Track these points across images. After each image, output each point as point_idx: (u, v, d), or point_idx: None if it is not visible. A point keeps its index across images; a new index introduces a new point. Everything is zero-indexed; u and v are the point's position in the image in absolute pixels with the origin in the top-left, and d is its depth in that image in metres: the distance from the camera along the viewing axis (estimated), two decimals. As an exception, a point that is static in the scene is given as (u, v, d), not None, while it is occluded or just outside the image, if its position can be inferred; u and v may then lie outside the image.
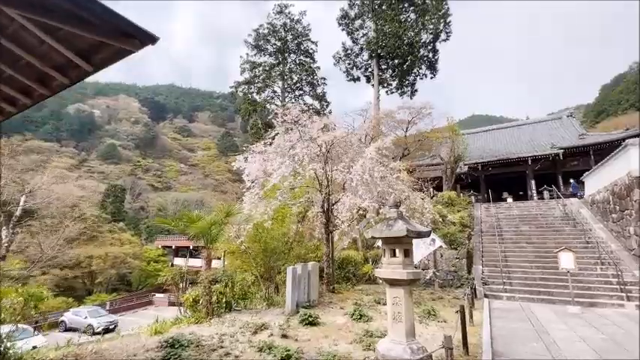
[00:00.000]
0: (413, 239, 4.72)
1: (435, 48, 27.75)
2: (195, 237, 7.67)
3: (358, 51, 30.42)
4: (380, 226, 4.74)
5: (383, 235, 4.57)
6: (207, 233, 7.47)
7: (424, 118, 21.80)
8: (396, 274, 4.44)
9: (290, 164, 9.10)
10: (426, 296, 11.65)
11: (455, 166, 22.32)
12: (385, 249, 4.76)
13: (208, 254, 7.81)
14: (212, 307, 7.54)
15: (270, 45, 36.84)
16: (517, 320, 8.24)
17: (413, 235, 4.44)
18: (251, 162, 10.49)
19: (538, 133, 30.12)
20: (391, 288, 4.60)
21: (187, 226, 7.53)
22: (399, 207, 4.91)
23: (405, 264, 4.53)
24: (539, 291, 11.44)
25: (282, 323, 6.95)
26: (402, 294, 4.46)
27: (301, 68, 37.12)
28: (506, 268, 13.04)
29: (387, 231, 4.54)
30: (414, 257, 13.33)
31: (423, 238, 4.77)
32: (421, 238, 4.75)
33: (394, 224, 4.58)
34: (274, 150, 9.54)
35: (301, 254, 11.23)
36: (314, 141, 9.40)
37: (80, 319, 23.63)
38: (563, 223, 16.20)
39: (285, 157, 9.32)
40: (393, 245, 4.68)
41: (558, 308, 9.76)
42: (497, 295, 11.63)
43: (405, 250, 4.62)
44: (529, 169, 25.11)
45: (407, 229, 4.33)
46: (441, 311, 9.03)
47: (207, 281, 7.41)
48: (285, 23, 36.94)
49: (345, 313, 8.15)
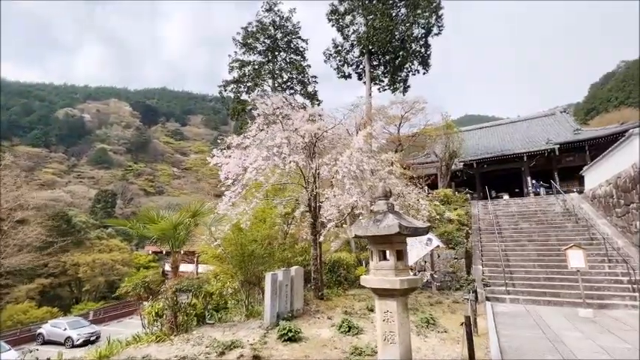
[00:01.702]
0: (407, 238, 3.80)
1: (427, 43, 27.03)
2: (160, 240, 6.70)
3: (349, 47, 29.62)
4: (365, 222, 3.82)
5: (369, 233, 3.64)
6: (172, 236, 6.50)
7: (417, 113, 21.02)
8: (387, 283, 3.52)
9: (268, 157, 8.17)
10: (424, 300, 10.75)
11: (450, 162, 21.54)
12: (373, 251, 3.84)
13: (174, 260, 6.83)
14: (178, 321, 6.54)
15: (259, 43, 35.93)
16: (526, 327, 7.36)
17: (407, 232, 3.52)
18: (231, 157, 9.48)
19: (532, 129, 29.73)
20: (381, 300, 3.68)
21: (147, 228, 6.54)
22: (389, 198, 3.98)
23: (397, 269, 3.60)
24: (544, 292, 10.59)
25: (258, 340, 5.99)
26: (394, 308, 3.53)
27: (291, 66, 36.25)
28: (507, 268, 12.20)
29: (374, 228, 3.61)
30: (409, 258, 12.50)
31: (420, 236, 3.84)
32: (418, 235, 3.82)
33: (383, 219, 3.66)
34: (252, 142, 8.58)
35: (287, 258, 10.26)
36: (296, 131, 8.46)
37: (59, 330, 22.32)
38: (565, 219, 15.45)
39: (263, 149, 8.37)
40: (382, 245, 3.75)
41: (568, 311, 8.91)
42: (500, 298, 10.77)
43: (397, 251, 3.70)
44: (525, 166, 24.56)
45: (399, 225, 3.41)
46: (440, 318, 8.13)
47: (172, 291, 6.41)
48: (275, 21, 36.07)
49: (332, 324, 7.21)
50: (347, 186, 7.63)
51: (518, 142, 27.62)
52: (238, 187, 9.34)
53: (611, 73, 72.02)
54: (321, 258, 10.02)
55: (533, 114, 33.96)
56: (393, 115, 21.42)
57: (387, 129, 22.53)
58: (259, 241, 8.91)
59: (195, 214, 7.23)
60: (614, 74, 70.54)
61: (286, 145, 8.15)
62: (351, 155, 7.85)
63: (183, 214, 7.06)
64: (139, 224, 6.76)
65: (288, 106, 9.45)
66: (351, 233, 3.90)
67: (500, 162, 24.99)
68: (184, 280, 7.13)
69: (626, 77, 61.39)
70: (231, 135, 9.12)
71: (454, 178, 24.70)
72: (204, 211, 7.68)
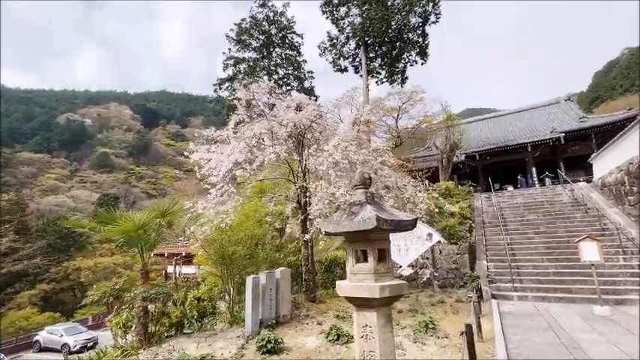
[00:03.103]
0: (391, 233, 3.11)
1: (425, 32, 26.19)
2: (127, 244, 6.06)
3: (344, 40, 28.81)
4: (338, 216, 3.13)
5: (341, 228, 2.96)
6: (140, 238, 5.85)
7: (416, 104, 20.21)
8: (364, 291, 2.82)
9: (247, 149, 7.48)
10: (424, 300, 10.05)
11: (451, 154, 20.73)
12: (349, 250, 3.15)
13: (143, 265, 6.18)
14: (151, 332, 5.89)
15: (253, 39, 35.23)
16: (537, 330, 6.63)
17: (388, 226, 2.82)
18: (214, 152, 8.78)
19: (536, 119, 28.85)
20: (358, 312, 2.99)
21: (111, 230, 5.89)
22: (368, 186, 3.28)
23: (378, 273, 2.91)
24: (555, 288, 9.84)
25: (234, 352, 5.32)
26: (374, 321, 2.85)
27: (287, 62, 35.57)
28: (514, 262, 11.45)
29: (347, 222, 2.92)
30: (408, 256, 11.75)
31: (405, 230, 3.13)
32: (402, 230, 3.12)
33: (359, 211, 2.97)
34: (232, 135, 7.89)
35: (276, 259, 9.59)
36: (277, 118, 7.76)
37: (56, 337, 21.88)
38: (574, 210, 14.64)
39: (241, 141, 7.69)
40: (359, 244, 3.06)
41: (581, 309, 8.17)
42: (507, 296, 10.03)
43: (378, 250, 3.02)
44: (529, 156, 23.75)
45: (377, 218, 2.71)
46: (441, 321, 7.42)
47: (141, 300, 5.77)
48: (268, 16, 35.31)
49: (321, 330, 6.53)
50: (332, 177, 6.94)
51: (522, 132, 26.76)
52: (223, 184, 8.68)
53: (615, 61, 70.65)
54: (313, 257, 9.34)
55: (537, 103, 32.98)
56: (390, 107, 20.63)
57: (384, 121, 21.79)
58: (241, 241, 8.24)
59: (165, 214, 6.58)
60: (618, 62, 69.11)
61: (267, 135, 7.47)
62: (337, 144, 7.16)
63: (149, 214, 6.41)
64: (99, 226, 6.12)
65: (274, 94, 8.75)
66: (322, 230, 3.20)
67: (503, 153, 24.17)
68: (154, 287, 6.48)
69: (630, 64, 60.03)
70: (209, 128, 8.44)
71: (456, 170, 23.92)
72: (175, 211, 7.03)
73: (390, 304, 3.05)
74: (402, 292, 2.97)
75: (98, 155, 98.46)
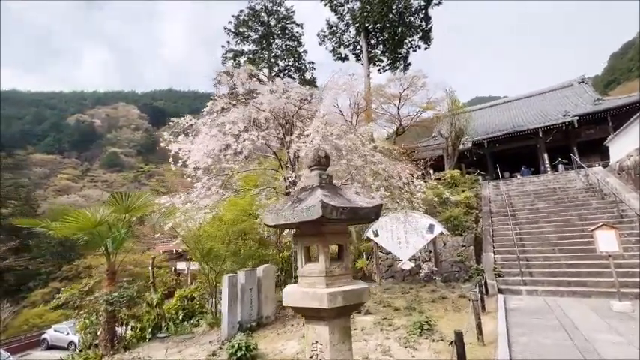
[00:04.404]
0: (350, 225, 2.48)
1: (428, 15, 25.05)
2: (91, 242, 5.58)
3: (344, 27, 27.83)
4: (281, 204, 2.51)
5: (281, 220, 2.33)
6: (100, 235, 5.36)
7: (418, 91, 19.27)
8: (310, 299, 2.20)
9: (220, 136, 6.89)
10: (426, 296, 9.40)
11: (457, 142, 19.78)
12: (298, 247, 2.54)
13: (110, 265, 5.70)
14: (118, 338, 5.43)
15: (252, 31, 34.49)
16: (547, 329, 5.93)
17: (339, 215, 2.19)
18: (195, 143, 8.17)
19: (548, 103, 27.48)
20: (308, 324, 2.39)
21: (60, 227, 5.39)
22: (325, 166, 2.65)
23: (331, 275, 2.29)
24: (567, 281, 9.05)
25: None
26: (325, 337, 2.24)
27: (287, 53, 34.82)
28: (523, 254, 10.68)
29: (289, 211, 2.30)
30: (409, 249, 11.08)
31: (366, 219, 2.48)
32: (361, 220, 2.47)
33: (306, 198, 2.35)
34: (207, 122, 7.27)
35: (263, 255, 9.04)
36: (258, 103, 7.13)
37: (62, 335, 21.98)
38: (588, 196, 13.68)
39: (213, 127, 7.09)
40: (307, 239, 2.45)
41: (598, 304, 7.40)
42: (515, 290, 9.30)
43: (338, 246, 2.40)
44: (540, 142, 22.59)
45: (323, 205, 2.08)
46: (440, 319, 6.78)
47: (104, 303, 5.30)
48: (267, 6, 34.49)
49: (304, 333, 5.95)
50: None
51: (533, 117, 25.53)
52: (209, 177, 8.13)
53: (631, 42, 67.40)
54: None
55: (548, 87, 31.46)
56: (392, 94, 19.72)
57: (386, 110, 20.94)
58: (221, 237, 7.71)
59: (129, 209, 6.07)
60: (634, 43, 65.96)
61: (242, 121, 6.85)
62: (318, 127, 6.50)
63: (108, 209, 5.90)
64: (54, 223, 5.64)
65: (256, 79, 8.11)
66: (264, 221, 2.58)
67: (513, 140, 23.06)
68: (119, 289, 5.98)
69: (647, 44, 57.15)
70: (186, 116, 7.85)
71: (464, 159, 22.97)
72: (141, 206, 6.51)
73: (348, 314, 2.43)
74: (361, 299, 2.34)
75: (108, 155, 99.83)
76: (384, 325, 6.42)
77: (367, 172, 7.16)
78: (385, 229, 11.58)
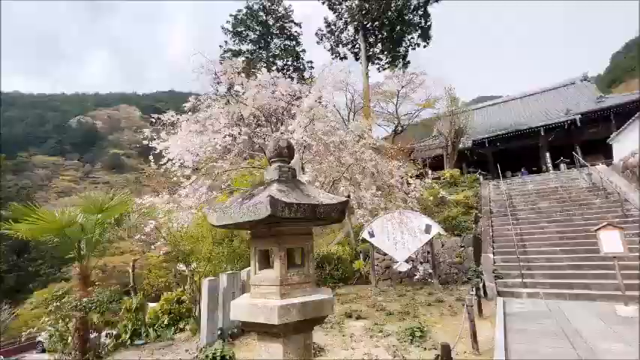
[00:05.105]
0: (315, 225, 2.14)
1: (427, 12, 24.70)
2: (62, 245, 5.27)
3: (343, 25, 27.52)
4: (229, 202, 2.18)
5: (226, 220, 1.99)
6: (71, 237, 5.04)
7: (417, 89, 18.88)
8: (258, 312, 1.86)
9: (200, 131, 6.59)
10: (421, 299, 9.03)
11: (456, 140, 19.39)
12: (251, 251, 2.20)
13: (82, 269, 5.40)
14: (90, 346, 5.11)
15: (250, 31, 34.23)
16: (547, 337, 5.56)
17: (292, 213, 1.84)
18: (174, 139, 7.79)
19: (550, 101, 27.08)
20: (260, 342, 2.05)
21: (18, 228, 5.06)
22: (288, 158, 2.32)
23: (287, 284, 1.94)
24: (570, 284, 8.66)
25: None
26: (279, 357, 1.90)
27: (286, 53, 34.53)
28: (524, 255, 10.30)
29: (235, 209, 1.97)
30: (405, 250, 10.71)
31: (328, 218, 2.12)
32: (322, 219, 2.12)
33: (259, 193, 2.02)
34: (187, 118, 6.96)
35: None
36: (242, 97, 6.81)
37: (57, 339, 21.64)
38: (592, 195, 13.27)
39: (192, 123, 6.78)
40: (262, 241, 2.11)
41: (603, 309, 7.02)
42: (515, 293, 8.91)
43: (289, 250, 2.05)
44: (542, 141, 22.20)
45: (271, 202, 1.73)
46: (435, 325, 6.41)
47: (72, 309, 4.98)
48: (265, 5, 34.22)
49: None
50: None
51: (535, 115, 25.12)
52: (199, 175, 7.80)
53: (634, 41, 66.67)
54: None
55: (551, 85, 30.96)
56: (390, 91, 19.35)
57: (385, 108, 20.58)
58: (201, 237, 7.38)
59: (102, 209, 5.75)
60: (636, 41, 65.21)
61: (223, 116, 6.54)
62: (302, 122, 6.19)
63: (76, 209, 5.58)
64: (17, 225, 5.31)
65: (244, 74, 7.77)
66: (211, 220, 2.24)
67: (514, 138, 22.69)
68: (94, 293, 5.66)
69: (650, 42, 56.47)
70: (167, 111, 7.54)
71: (465, 158, 22.59)
72: (115, 205, 6.19)
73: (309, 330, 2.08)
74: (322, 312, 2.00)
75: (109, 156, 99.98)
76: (374, 331, 6.06)
77: (355, 170, 6.81)
78: (381, 230, 11.22)
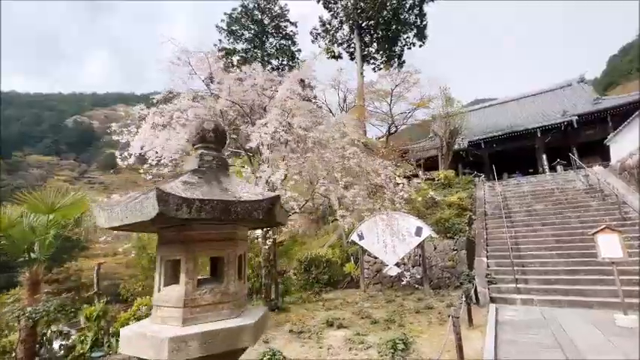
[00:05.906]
0: (232, 229, 1.69)
1: (423, 11, 24.40)
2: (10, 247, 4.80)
3: (338, 24, 27.19)
4: (125, 199, 1.73)
5: (114, 221, 1.55)
6: (17, 240, 4.57)
7: (411, 88, 18.48)
8: (143, 345, 1.40)
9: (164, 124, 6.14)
10: (410, 305, 8.57)
11: (451, 141, 18.99)
12: (157, 263, 1.74)
13: (31, 274, 4.92)
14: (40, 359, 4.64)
15: (245, 29, 33.80)
16: (541, 349, 5.13)
17: (195, 212, 1.40)
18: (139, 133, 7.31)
19: (547, 103, 26.86)
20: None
21: None
22: (215, 144, 1.87)
23: (195, 305, 1.49)
24: (566, 290, 8.24)
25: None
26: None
27: (281, 52, 34.11)
28: (518, 259, 9.87)
29: (122, 208, 1.52)
30: (395, 254, 10.24)
31: (250, 217, 1.68)
32: (243, 219, 1.67)
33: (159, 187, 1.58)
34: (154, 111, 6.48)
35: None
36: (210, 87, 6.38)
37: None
38: (588, 197, 12.88)
39: (156, 116, 6.33)
40: (169, 249, 1.66)
41: (600, 317, 6.59)
42: (509, 299, 8.48)
43: (215, 261, 1.59)
44: (539, 142, 21.91)
45: (160, 198, 1.28)
46: (421, 335, 5.96)
47: (19, 319, 4.50)
48: (260, 4, 33.79)
49: (262, 352, 5.12)
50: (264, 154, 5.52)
51: (531, 117, 24.84)
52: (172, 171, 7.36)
53: (630, 44, 66.81)
54: (276, 257, 7.97)
55: (548, 87, 30.73)
56: (384, 91, 18.95)
57: (379, 108, 20.20)
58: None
59: (54, 209, 5.27)
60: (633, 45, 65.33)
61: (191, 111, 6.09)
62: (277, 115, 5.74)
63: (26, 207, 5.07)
64: None
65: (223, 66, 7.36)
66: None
67: (511, 139, 22.37)
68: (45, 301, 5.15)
69: (645, 46, 56.49)
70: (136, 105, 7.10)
71: (460, 159, 22.22)
72: (68, 204, 5.70)
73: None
74: (236, 344, 1.54)
75: (105, 156, 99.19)
76: (354, 342, 5.61)
77: (337, 167, 6.37)
78: (371, 232, 10.78)
